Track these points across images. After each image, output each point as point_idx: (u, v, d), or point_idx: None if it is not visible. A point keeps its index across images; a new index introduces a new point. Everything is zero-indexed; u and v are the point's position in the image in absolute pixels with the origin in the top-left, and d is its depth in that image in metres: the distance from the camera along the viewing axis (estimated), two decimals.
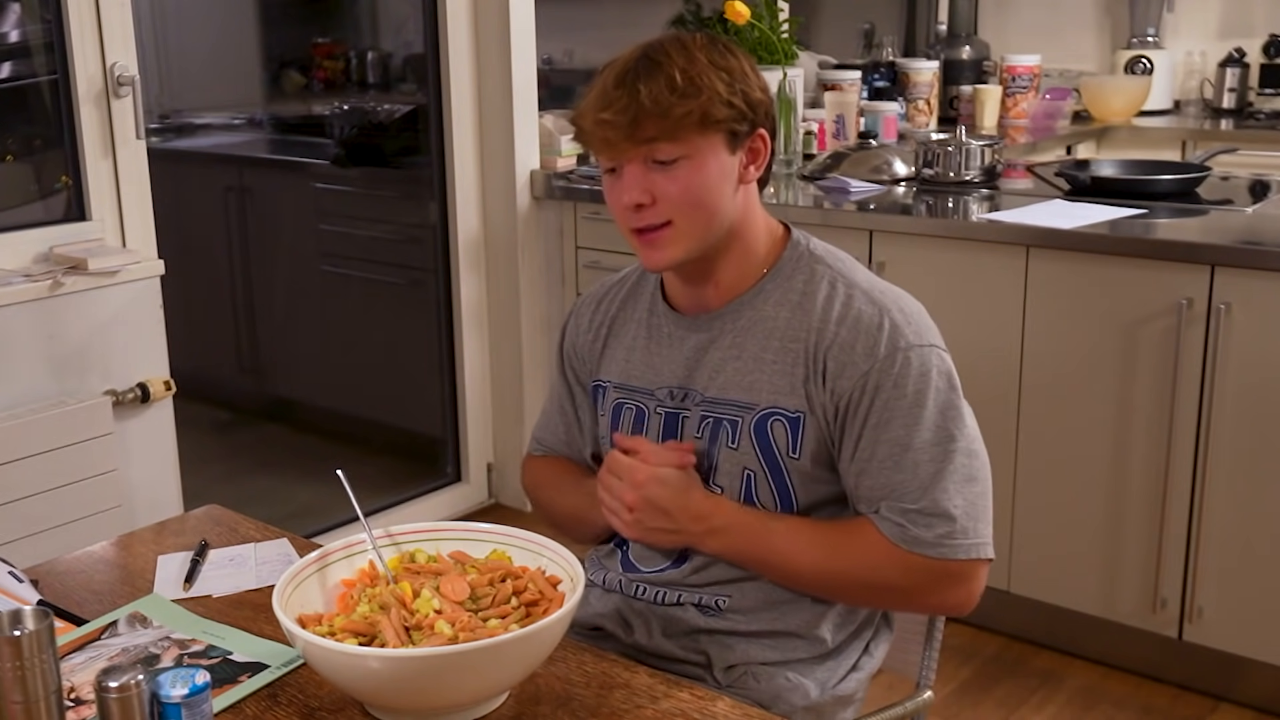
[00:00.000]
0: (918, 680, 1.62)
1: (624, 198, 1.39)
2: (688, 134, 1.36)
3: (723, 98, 1.36)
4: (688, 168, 1.37)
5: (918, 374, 1.37)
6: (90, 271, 2.52)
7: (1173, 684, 2.68)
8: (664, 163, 1.37)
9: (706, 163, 1.38)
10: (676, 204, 1.38)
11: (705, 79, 1.36)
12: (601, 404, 1.56)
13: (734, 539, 1.40)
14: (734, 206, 1.42)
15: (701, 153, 1.37)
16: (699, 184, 1.38)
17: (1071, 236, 2.62)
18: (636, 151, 1.37)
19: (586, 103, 1.39)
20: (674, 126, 1.35)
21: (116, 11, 2.62)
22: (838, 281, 1.44)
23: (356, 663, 1.15)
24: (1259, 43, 4.37)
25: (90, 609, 1.46)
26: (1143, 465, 2.60)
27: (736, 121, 1.39)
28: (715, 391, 1.45)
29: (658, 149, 1.36)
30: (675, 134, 1.35)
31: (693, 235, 1.40)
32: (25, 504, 2.41)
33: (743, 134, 1.41)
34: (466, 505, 3.69)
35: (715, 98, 1.36)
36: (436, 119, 3.49)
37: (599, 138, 1.38)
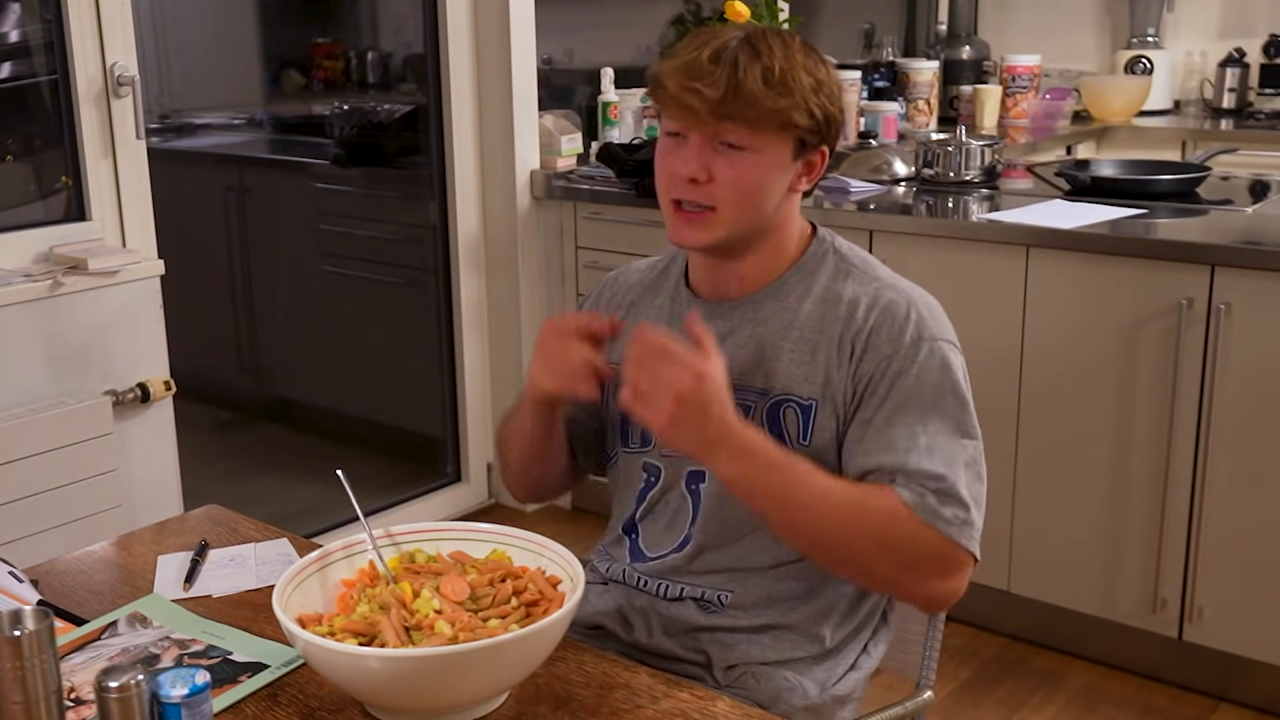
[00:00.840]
0: (918, 680, 1.62)
1: (682, 167, 1.39)
2: (765, 128, 1.37)
3: (807, 106, 1.38)
4: (751, 159, 1.38)
5: (940, 365, 1.39)
6: (90, 271, 2.52)
7: (1173, 684, 2.68)
8: (732, 146, 1.38)
9: (769, 160, 1.39)
10: (728, 190, 1.39)
11: (799, 82, 1.37)
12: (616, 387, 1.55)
13: (757, 462, 1.30)
14: (778, 210, 1.44)
15: (769, 150, 1.39)
16: (756, 178, 1.39)
17: (1071, 236, 2.62)
18: (711, 128, 1.37)
19: (672, 65, 1.38)
20: (758, 117, 1.36)
21: (116, 11, 2.62)
22: (863, 277, 1.46)
23: (356, 663, 1.15)
24: (1259, 43, 4.37)
25: (90, 609, 1.46)
26: (1143, 465, 2.60)
27: (810, 132, 1.40)
28: (733, 378, 1.45)
29: (732, 132, 1.37)
30: (756, 124, 1.37)
31: (731, 225, 1.41)
32: (25, 504, 2.41)
33: (811, 145, 1.42)
34: (466, 505, 3.69)
35: (802, 104, 1.38)
36: (436, 119, 3.49)
37: (681, 104, 1.37)
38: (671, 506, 1.50)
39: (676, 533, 1.49)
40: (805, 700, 1.46)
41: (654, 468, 1.52)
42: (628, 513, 1.55)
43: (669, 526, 1.51)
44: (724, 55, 1.36)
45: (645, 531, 1.53)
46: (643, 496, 1.53)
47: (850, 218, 2.93)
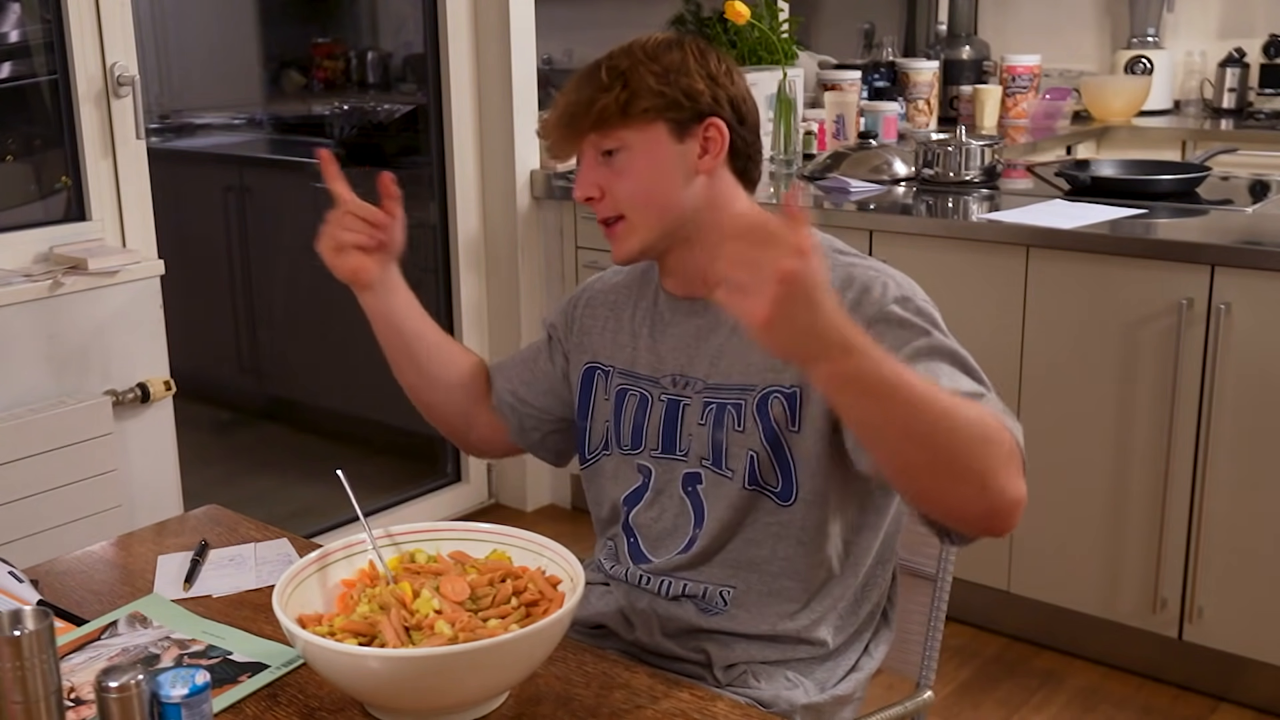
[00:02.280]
0: (918, 680, 1.62)
1: (578, 192, 1.45)
2: (614, 126, 1.40)
3: (650, 88, 1.40)
4: (627, 159, 1.41)
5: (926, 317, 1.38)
6: (90, 271, 2.52)
7: (1173, 684, 2.68)
8: (607, 154, 1.42)
9: (647, 153, 1.41)
10: (622, 196, 1.42)
11: (633, 73, 1.40)
12: (602, 388, 1.55)
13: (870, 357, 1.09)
14: (691, 196, 1.43)
15: (639, 144, 1.41)
16: (641, 175, 1.41)
17: (1071, 236, 2.62)
18: (579, 146, 1.43)
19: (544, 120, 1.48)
20: (599, 118, 1.40)
21: (116, 11, 2.62)
22: (831, 254, 1.44)
23: (356, 663, 1.15)
24: (1259, 43, 4.37)
25: (90, 609, 1.46)
26: (1143, 465, 2.60)
27: (670, 110, 1.41)
28: (718, 378, 1.45)
29: (599, 141, 1.41)
30: (602, 125, 1.40)
31: (646, 227, 1.43)
32: (25, 504, 2.41)
33: (685, 122, 1.42)
34: (466, 505, 3.69)
35: (640, 89, 1.40)
36: (436, 119, 3.49)
37: (548, 140, 1.46)
38: (670, 510, 1.50)
39: (680, 536, 1.49)
40: (805, 700, 1.46)
41: (646, 469, 1.51)
42: (621, 514, 1.55)
43: (671, 530, 1.50)
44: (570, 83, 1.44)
45: (644, 533, 1.52)
46: (637, 498, 1.53)
47: (850, 218, 2.93)
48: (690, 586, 1.48)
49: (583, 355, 1.58)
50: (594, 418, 1.56)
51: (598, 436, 1.56)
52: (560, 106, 1.43)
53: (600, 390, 1.55)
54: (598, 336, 1.57)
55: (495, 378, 1.65)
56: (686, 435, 1.47)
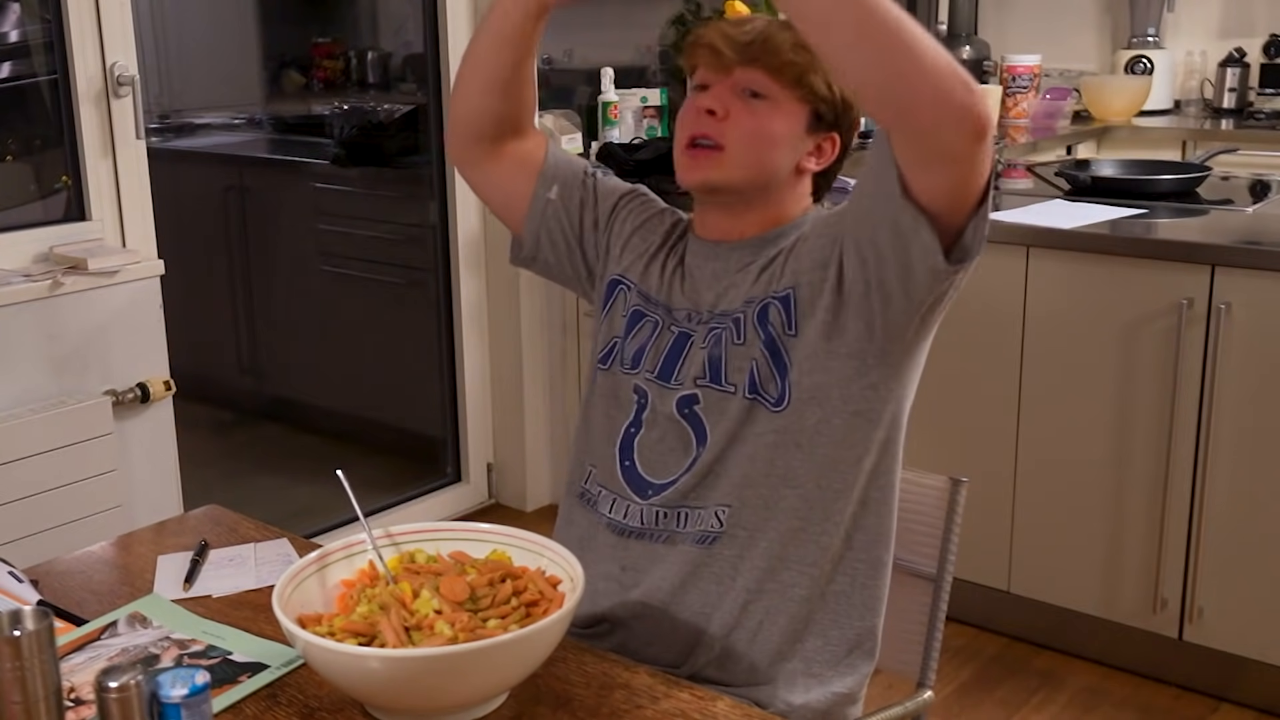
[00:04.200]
0: (918, 680, 1.62)
1: (700, 102, 1.47)
2: (785, 81, 1.45)
3: (825, 77, 1.46)
4: (767, 109, 1.46)
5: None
6: (90, 271, 2.52)
7: (1173, 684, 2.68)
8: (752, 94, 1.45)
9: (783, 117, 1.46)
10: (740, 130, 1.46)
11: (818, 58, 1.44)
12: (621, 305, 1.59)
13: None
14: (783, 173, 1.49)
15: (785, 104, 1.46)
16: (767, 127, 1.46)
17: (1071, 236, 2.62)
18: (734, 76, 1.46)
19: (710, 25, 1.49)
20: (779, 67, 1.44)
21: (116, 11, 2.62)
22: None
23: (356, 663, 1.15)
24: (1259, 42, 4.37)
25: (90, 609, 1.46)
26: (1143, 465, 2.60)
27: (826, 105, 1.48)
28: (724, 306, 1.51)
29: (754, 78, 1.45)
30: (777, 72, 1.45)
31: (736, 167, 1.47)
32: (25, 504, 2.41)
33: (825, 122, 1.49)
34: (466, 505, 3.69)
35: (820, 72, 1.46)
36: (436, 119, 3.49)
37: (714, 47, 1.46)
38: (670, 432, 1.50)
39: (682, 455, 1.48)
40: (805, 699, 1.46)
41: (643, 390, 1.53)
42: (619, 435, 1.54)
43: (672, 450, 1.49)
44: (758, 19, 1.49)
45: (642, 455, 1.52)
46: (638, 421, 1.52)
47: None
48: (690, 518, 1.47)
49: (611, 262, 1.62)
50: (606, 328, 1.60)
51: (602, 346, 1.59)
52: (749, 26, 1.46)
53: (619, 306, 1.59)
54: (631, 250, 1.61)
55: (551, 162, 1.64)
56: (687, 363, 1.50)
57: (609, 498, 1.54)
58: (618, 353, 1.57)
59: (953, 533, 1.63)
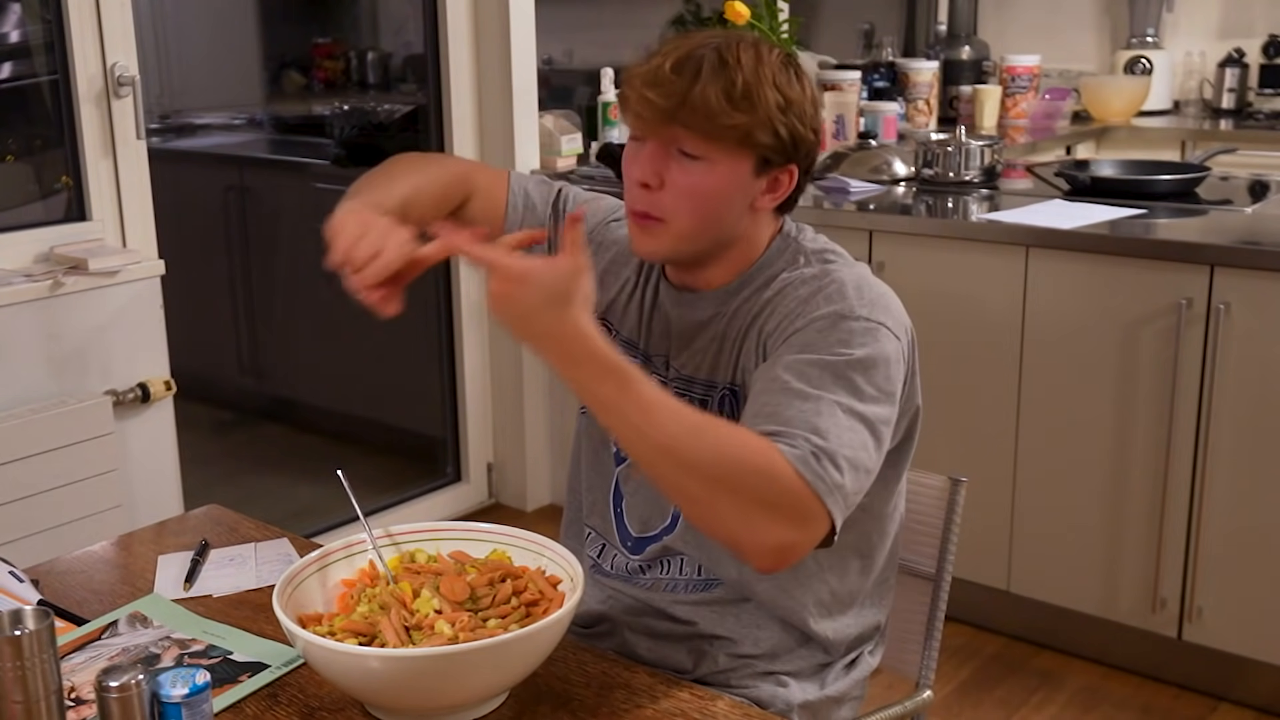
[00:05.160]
0: (917, 680, 1.63)
1: (636, 171, 1.37)
2: (722, 141, 1.33)
3: (771, 125, 1.34)
4: (705, 170, 1.34)
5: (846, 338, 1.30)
6: (90, 271, 2.52)
7: (1173, 684, 2.68)
8: (686, 155, 1.34)
9: (724, 173, 1.35)
10: (679, 200, 1.35)
11: (764, 99, 1.32)
12: None
13: (591, 374, 1.18)
14: (738, 225, 1.40)
15: (725, 163, 1.34)
16: (709, 190, 1.35)
17: (1071, 236, 2.62)
18: (666, 133, 1.34)
19: (637, 71, 1.35)
20: (714, 130, 1.32)
21: (117, 11, 2.62)
22: (811, 265, 1.41)
23: (356, 663, 1.15)
24: (1258, 43, 4.37)
25: (90, 609, 1.47)
26: (1142, 465, 2.61)
27: (774, 151, 1.36)
28: (690, 370, 1.46)
29: (686, 140, 1.33)
30: (711, 136, 1.33)
31: (684, 237, 1.38)
32: (26, 504, 2.41)
33: (775, 164, 1.37)
34: (466, 505, 3.69)
35: (765, 121, 1.33)
36: (436, 119, 3.49)
37: (635, 111, 1.35)
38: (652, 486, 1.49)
39: (666, 508, 1.48)
40: (805, 699, 1.46)
41: None
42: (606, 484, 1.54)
43: (657, 504, 1.49)
44: (686, 65, 1.32)
45: (629, 505, 1.52)
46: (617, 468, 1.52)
47: (850, 218, 2.93)
48: (685, 567, 1.47)
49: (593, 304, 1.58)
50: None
51: None
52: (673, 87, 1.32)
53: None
54: (606, 288, 1.54)
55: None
56: None
57: (598, 541, 1.55)
58: None
59: (952, 532, 1.63)
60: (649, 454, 1.19)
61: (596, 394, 1.19)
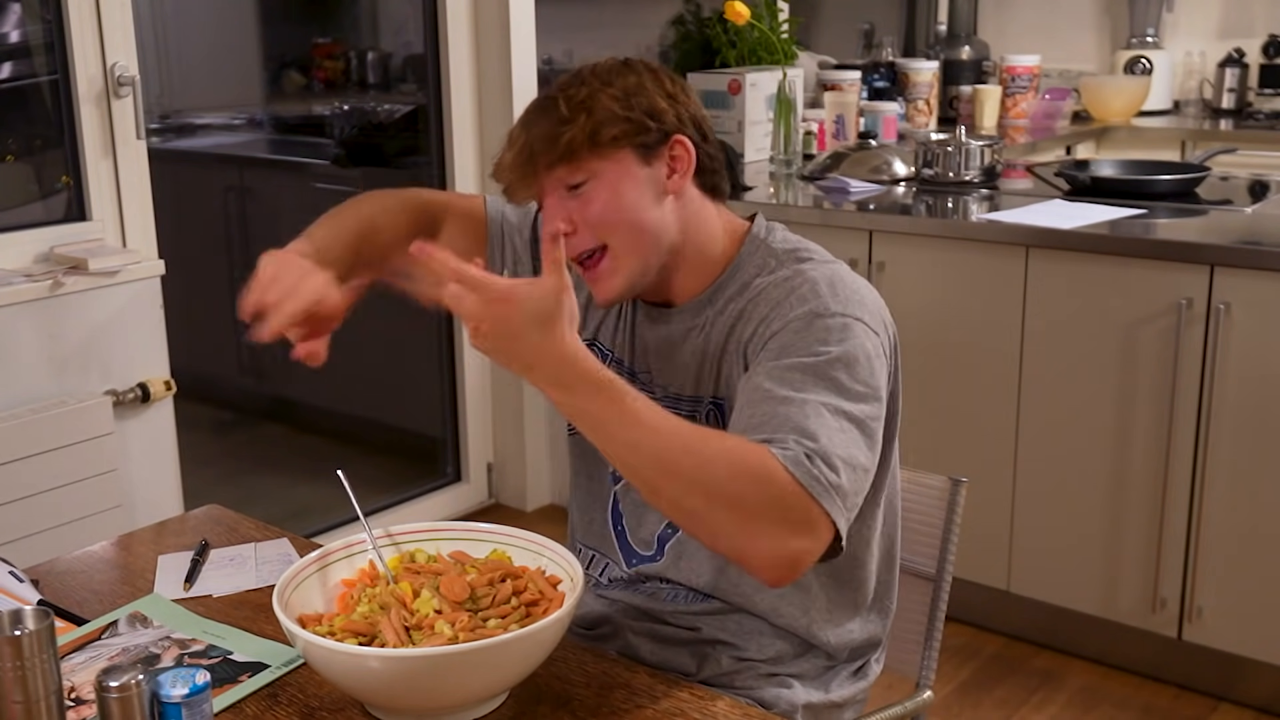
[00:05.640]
0: (917, 680, 1.63)
1: (548, 228, 1.36)
2: (582, 157, 1.35)
3: (615, 114, 1.35)
4: (596, 188, 1.36)
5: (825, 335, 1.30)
6: (91, 271, 2.52)
7: (1173, 684, 2.68)
8: (574, 188, 1.36)
9: (616, 180, 1.36)
10: (597, 225, 1.36)
11: (593, 100, 1.35)
12: None
13: (583, 396, 1.17)
14: (666, 219, 1.39)
15: (606, 172, 1.36)
16: (613, 201, 1.36)
17: (1071, 236, 2.62)
18: (543, 183, 1.37)
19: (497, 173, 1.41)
20: (565, 151, 1.34)
21: (117, 11, 2.63)
22: (784, 267, 1.40)
23: (357, 663, 1.15)
24: (1258, 43, 4.37)
25: (91, 609, 1.47)
26: (1142, 465, 2.61)
27: (638, 134, 1.36)
28: (676, 387, 1.45)
29: (560, 175, 1.36)
30: (569, 158, 1.35)
31: (631, 254, 1.38)
32: (26, 504, 2.42)
33: (653, 144, 1.38)
34: (466, 505, 3.69)
35: (605, 117, 1.35)
36: (436, 119, 3.50)
37: (504, 182, 1.40)
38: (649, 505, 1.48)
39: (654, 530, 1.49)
40: (806, 700, 1.46)
41: None
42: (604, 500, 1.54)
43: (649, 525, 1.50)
44: (522, 120, 1.39)
45: (629, 522, 1.52)
46: (615, 485, 1.53)
47: (850, 218, 2.93)
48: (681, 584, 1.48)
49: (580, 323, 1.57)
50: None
51: None
52: (519, 144, 1.37)
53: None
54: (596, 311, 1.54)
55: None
56: None
57: (600, 561, 1.55)
58: None
59: (952, 532, 1.63)
60: (645, 472, 1.19)
61: (589, 413, 1.18)
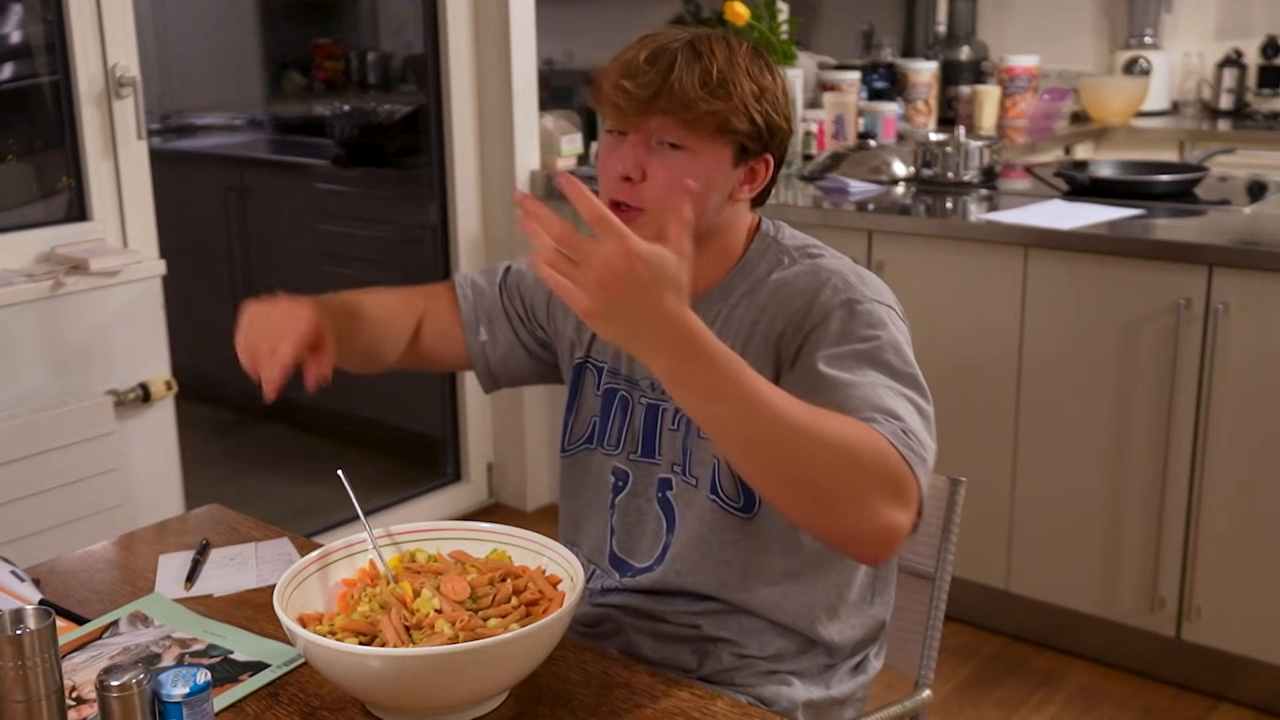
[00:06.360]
0: (917, 680, 1.63)
1: (617, 164, 1.36)
2: (701, 130, 1.34)
3: (747, 112, 1.35)
4: (685, 159, 1.35)
5: (869, 321, 1.32)
6: (91, 271, 2.53)
7: (1172, 683, 2.68)
8: (669, 145, 1.34)
9: (706, 163, 1.35)
10: (658, 190, 1.35)
11: (739, 87, 1.34)
12: (592, 385, 1.54)
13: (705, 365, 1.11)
14: (718, 217, 1.40)
15: (706, 152, 1.35)
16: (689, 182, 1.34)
17: (1070, 237, 2.63)
18: (646, 125, 1.34)
19: (612, 66, 1.36)
20: (693, 118, 1.33)
21: (118, 12, 2.63)
22: (799, 262, 1.42)
23: (357, 662, 1.16)
24: (1257, 43, 4.38)
25: (92, 608, 1.47)
26: (1141, 465, 2.61)
27: (751, 139, 1.37)
28: None
29: (668, 131, 1.34)
30: (691, 125, 1.33)
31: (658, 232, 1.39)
32: (27, 503, 2.42)
33: (753, 152, 1.38)
34: (466, 505, 3.70)
35: (741, 108, 1.34)
36: (436, 119, 3.50)
37: (613, 102, 1.35)
38: (649, 515, 1.49)
39: (655, 542, 1.48)
40: (806, 699, 1.47)
41: (623, 472, 1.50)
42: (601, 516, 1.54)
43: (649, 536, 1.49)
44: (661, 56, 1.34)
45: (621, 538, 1.52)
46: (613, 502, 1.52)
47: (849, 218, 2.94)
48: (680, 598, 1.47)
49: (566, 345, 1.57)
50: (579, 411, 1.55)
51: (581, 429, 1.55)
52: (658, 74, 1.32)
53: (589, 385, 1.54)
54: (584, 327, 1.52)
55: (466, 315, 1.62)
56: (661, 440, 1.47)
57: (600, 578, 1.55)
58: (596, 432, 1.53)
59: (951, 532, 1.63)
60: (760, 449, 1.15)
61: (707, 386, 1.12)
